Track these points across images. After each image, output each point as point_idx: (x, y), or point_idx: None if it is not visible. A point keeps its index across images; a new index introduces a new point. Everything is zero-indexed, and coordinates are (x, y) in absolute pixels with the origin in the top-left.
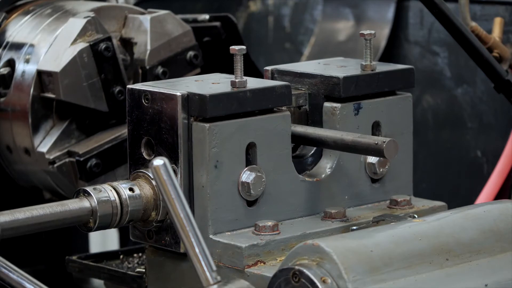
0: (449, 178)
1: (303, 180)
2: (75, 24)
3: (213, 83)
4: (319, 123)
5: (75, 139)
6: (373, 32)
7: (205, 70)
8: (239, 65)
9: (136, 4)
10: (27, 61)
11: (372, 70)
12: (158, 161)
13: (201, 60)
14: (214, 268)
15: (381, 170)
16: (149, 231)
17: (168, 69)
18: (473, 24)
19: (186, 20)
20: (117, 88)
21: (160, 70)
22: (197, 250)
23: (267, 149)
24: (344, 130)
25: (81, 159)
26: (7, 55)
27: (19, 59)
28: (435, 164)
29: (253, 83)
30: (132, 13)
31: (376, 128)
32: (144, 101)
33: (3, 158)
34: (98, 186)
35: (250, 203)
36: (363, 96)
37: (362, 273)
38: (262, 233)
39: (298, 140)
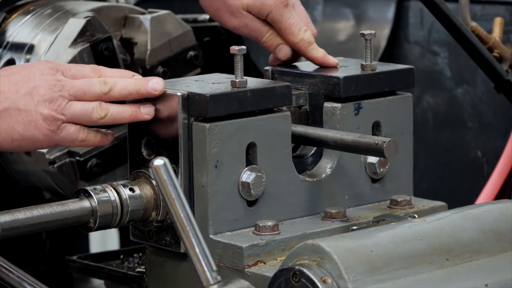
0: (449, 178)
1: (303, 180)
2: (75, 24)
3: (213, 83)
4: (319, 123)
5: None
6: (373, 32)
7: (205, 70)
8: (239, 65)
9: (136, 4)
10: (27, 61)
11: (372, 70)
12: (158, 161)
13: (201, 60)
14: (214, 268)
15: (381, 170)
16: (149, 231)
17: (168, 69)
18: (473, 24)
19: (186, 20)
20: None
21: (160, 70)
22: (197, 250)
23: (267, 149)
24: (344, 130)
25: (81, 159)
26: (7, 55)
27: (19, 59)
28: (435, 164)
29: (253, 83)
30: (132, 13)
31: (376, 128)
32: (145, 101)
33: (3, 158)
34: (98, 186)
35: (250, 203)
36: (363, 96)
37: (362, 273)
38: (262, 233)
39: (298, 140)
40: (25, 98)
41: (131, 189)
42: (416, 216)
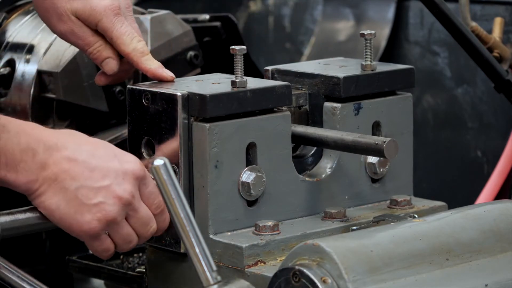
0: (449, 178)
1: (303, 180)
2: None
3: (213, 83)
4: (319, 123)
5: None
6: (373, 32)
7: (205, 70)
8: (239, 65)
9: (136, 4)
10: (27, 61)
11: (372, 70)
12: (158, 161)
13: (201, 60)
14: (214, 268)
15: (381, 170)
16: None
17: (168, 69)
18: (473, 24)
19: (186, 20)
20: (117, 88)
21: None
22: (197, 250)
23: (267, 149)
24: (344, 130)
25: None
26: (7, 55)
27: (19, 59)
28: (435, 164)
29: (253, 83)
30: None
31: (376, 128)
32: (145, 101)
33: None
34: None
35: (250, 203)
36: (363, 96)
37: (362, 273)
38: (262, 233)
39: (298, 140)
40: (90, 190)
41: None
42: (416, 216)
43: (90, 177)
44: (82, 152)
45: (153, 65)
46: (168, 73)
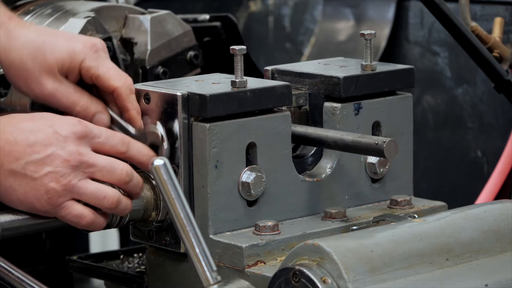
0: (449, 178)
1: (303, 180)
2: (75, 24)
3: (213, 83)
4: (319, 123)
5: None
6: (373, 32)
7: (205, 70)
8: (239, 65)
9: (136, 4)
10: None
11: (372, 70)
12: (159, 161)
13: (201, 60)
14: (214, 268)
15: (381, 170)
16: (149, 231)
17: (168, 69)
18: (473, 24)
19: (186, 20)
20: None
21: (160, 70)
22: (197, 250)
23: (267, 149)
24: (344, 130)
25: None
26: None
27: None
28: (435, 164)
29: (253, 83)
30: (132, 13)
31: (376, 128)
32: (144, 101)
33: None
34: None
35: (250, 203)
36: (363, 96)
37: (362, 273)
38: (263, 233)
39: (298, 140)
40: (36, 164)
41: None
42: (416, 216)
43: (33, 152)
44: (19, 131)
45: (136, 107)
46: (140, 122)
